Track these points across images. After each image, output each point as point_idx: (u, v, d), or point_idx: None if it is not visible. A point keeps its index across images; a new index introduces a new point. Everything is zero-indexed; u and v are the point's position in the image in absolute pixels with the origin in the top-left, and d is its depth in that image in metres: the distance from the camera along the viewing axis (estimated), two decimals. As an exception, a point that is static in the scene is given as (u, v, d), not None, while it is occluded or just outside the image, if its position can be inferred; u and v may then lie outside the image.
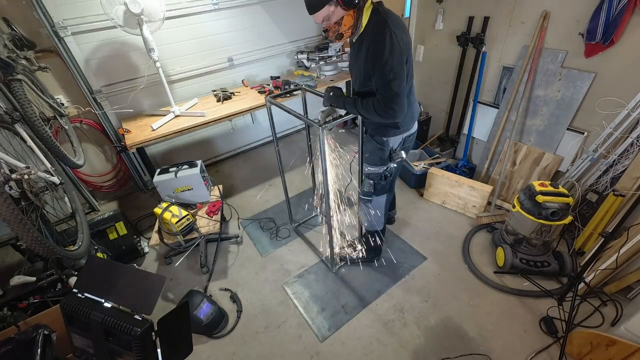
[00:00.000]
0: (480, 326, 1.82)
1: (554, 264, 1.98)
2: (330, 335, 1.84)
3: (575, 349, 1.62)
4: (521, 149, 2.46)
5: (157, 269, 2.36)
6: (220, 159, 3.55)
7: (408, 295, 2.01)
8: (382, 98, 1.39)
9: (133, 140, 2.27)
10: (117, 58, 2.55)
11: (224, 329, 1.90)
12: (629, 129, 1.87)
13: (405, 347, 1.76)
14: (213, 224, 2.31)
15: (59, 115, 2.24)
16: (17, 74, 1.70)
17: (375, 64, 1.35)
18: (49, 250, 1.44)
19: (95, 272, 1.15)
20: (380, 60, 1.32)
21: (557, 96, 2.17)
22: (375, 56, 1.34)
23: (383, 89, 1.37)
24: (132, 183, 3.12)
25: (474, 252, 2.25)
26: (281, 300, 2.05)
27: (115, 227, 2.23)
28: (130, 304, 1.03)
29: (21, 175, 1.48)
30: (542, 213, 1.83)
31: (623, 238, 1.74)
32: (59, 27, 2.20)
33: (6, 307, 1.51)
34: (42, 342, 1.21)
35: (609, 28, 1.77)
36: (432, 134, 3.29)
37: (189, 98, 2.91)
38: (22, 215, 1.35)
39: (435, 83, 3.03)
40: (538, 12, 2.08)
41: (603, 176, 2.03)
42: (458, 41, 2.61)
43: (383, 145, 1.69)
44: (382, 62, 1.32)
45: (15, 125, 1.68)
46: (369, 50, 1.36)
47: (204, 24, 2.76)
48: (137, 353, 0.97)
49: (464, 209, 2.57)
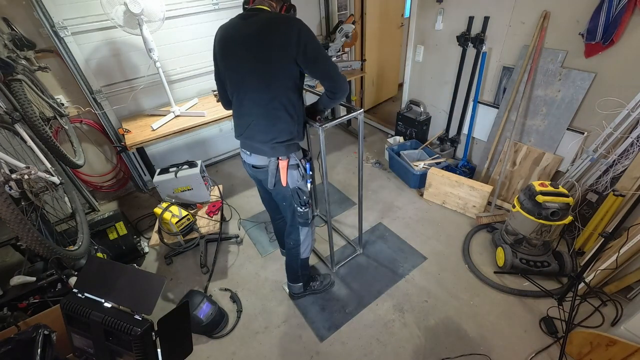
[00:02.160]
0: (480, 326, 1.82)
1: (554, 264, 1.98)
2: (330, 335, 1.84)
3: (575, 349, 1.62)
4: (521, 149, 2.46)
5: (157, 269, 2.36)
6: (220, 159, 3.55)
7: (408, 296, 2.01)
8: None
9: (133, 140, 2.26)
10: (117, 58, 2.55)
11: (224, 329, 1.90)
12: (629, 129, 1.86)
13: (405, 347, 1.76)
14: (213, 224, 2.31)
15: (59, 115, 2.24)
16: (17, 74, 1.70)
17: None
18: (49, 250, 1.44)
19: (95, 272, 1.15)
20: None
21: (557, 96, 2.17)
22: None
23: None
24: (132, 183, 3.12)
25: (474, 252, 2.25)
26: (281, 300, 2.04)
27: (115, 227, 2.23)
28: (130, 304, 1.03)
29: (21, 175, 1.48)
30: (542, 213, 1.83)
31: (623, 238, 1.74)
32: (59, 27, 2.20)
33: (6, 307, 1.51)
34: (42, 342, 1.21)
35: (609, 28, 1.77)
36: (432, 134, 3.29)
37: (189, 98, 2.91)
38: (22, 215, 1.35)
39: (435, 83, 3.03)
40: (538, 12, 2.08)
41: (603, 176, 2.03)
42: (458, 41, 2.61)
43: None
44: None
45: (15, 125, 1.68)
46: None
47: (204, 24, 2.76)
48: (137, 353, 0.97)
49: (464, 209, 2.57)
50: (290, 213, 1.69)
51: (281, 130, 1.40)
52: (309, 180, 1.56)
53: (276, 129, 1.40)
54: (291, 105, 1.38)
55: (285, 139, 1.42)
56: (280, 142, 1.42)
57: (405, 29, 3.66)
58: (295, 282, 1.96)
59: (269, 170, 1.51)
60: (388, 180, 3.05)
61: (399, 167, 3.00)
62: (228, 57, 1.37)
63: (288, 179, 1.51)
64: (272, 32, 1.26)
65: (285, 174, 1.49)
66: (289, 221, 1.74)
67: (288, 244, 1.81)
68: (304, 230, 1.72)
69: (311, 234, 1.78)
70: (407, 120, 3.28)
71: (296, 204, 1.60)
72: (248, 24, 1.30)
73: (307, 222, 1.68)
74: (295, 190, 1.55)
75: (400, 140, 3.32)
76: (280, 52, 1.26)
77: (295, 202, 1.59)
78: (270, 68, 1.30)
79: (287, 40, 1.24)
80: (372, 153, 3.48)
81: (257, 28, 1.27)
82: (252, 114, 1.41)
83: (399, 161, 2.95)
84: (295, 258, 1.83)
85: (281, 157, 1.47)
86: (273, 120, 1.38)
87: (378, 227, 2.53)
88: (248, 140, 1.49)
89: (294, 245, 1.77)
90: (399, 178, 3.05)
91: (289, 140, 1.43)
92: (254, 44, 1.28)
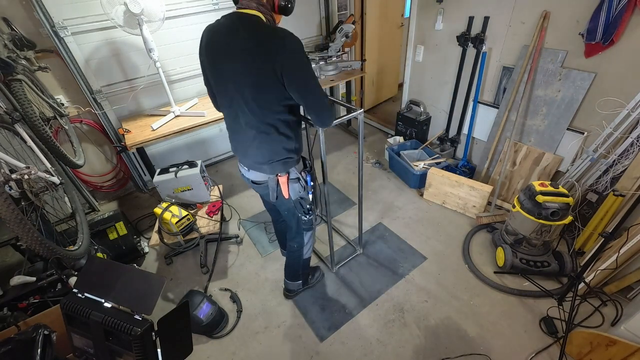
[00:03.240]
0: (480, 326, 1.82)
1: (554, 264, 1.98)
2: (330, 335, 1.84)
3: (575, 349, 1.62)
4: (521, 149, 2.46)
5: (157, 269, 2.36)
6: (220, 159, 3.55)
7: (408, 295, 2.01)
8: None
9: (133, 140, 2.26)
10: (117, 58, 2.55)
11: (224, 329, 1.90)
12: (629, 129, 1.86)
13: (405, 347, 1.76)
14: (213, 224, 2.31)
15: (59, 115, 2.24)
16: (17, 74, 1.70)
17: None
18: (49, 250, 1.44)
19: (95, 272, 1.15)
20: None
21: (557, 96, 2.17)
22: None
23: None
24: (132, 183, 3.12)
25: (474, 252, 2.25)
26: (281, 300, 2.04)
27: (115, 227, 2.23)
28: (130, 304, 1.03)
29: (21, 175, 1.48)
30: (542, 213, 1.83)
31: (623, 238, 1.74)
32: (59, 27, 2.20)
33: (6, 307, 1.50)
34: (42, 342, 1.21)
35: (609, 28, 1.77)
36: (432, 134, 3.29)
37: (189, 98, 2.91)
38: (22, 215, 1.35)
39: (435, 83, 3.03)
40: (538, 12, 2.08)
41: (603, 176, 2.03)
42: (458, 41, 2.61)
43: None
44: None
45: (15, 125, 1.68)
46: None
47: (204, 24, 2.73)
48: (137, 353, 0.97)
49: (464, 209, 2.57)
50: (294, 222, 1.68)
51: (276, 152, 1.34)
52: (310, 192, 1.53)
53: (272, 151, 1.34)
54: (284, 126, 1.29)
55: (282, 158, 1.37)
56: (277, 162, 1.37)
57: (405, 29, 3.66)
58: (295, 280, 1.97)
59: (269, 185, 1.48)
60: (388, 180, 3.05)
61: (399, 167, 3.00)
62: (215, 71, 1.26)
63: (290, 191, 1.48)
64: (259, 53, 1.12)
65: (286, 188, 1.46)
66: (293, 228, 1.72)
67: (291, 247, 1.80)
68: (307, 234, 1.73)
69: (313, 235, 1.80)
70: (407, 120, 3.28)
71: (300, 214, 1.59)
72: (234, 33, 1.15)
73: (311, 227, 1.70)
74: (298, 201, 1.54)
75: (400, 140, 3.32)
76: (267, 77, 1.14)
77: (298, 211, 1.58)
78: (257, 92, 1.19)
79: (274, 65, 1.11)
80: (372, 153, 3.48)
81: (243, 43, 1.13)
82: (246, 134, 1.33)
83: (399, 161, 2.95)
84: (298, 259, 1.84)
85: (280, 174, 1.43)
86: (267, 143, 1.31)
87: (378, 227, 2.53)
88: (244, 158, 1.44)
89: (298, 248, 1.78)
90: (399, 178, 3.05)
91: (286, 159, 1.38)
92: (240, 61, 1.15)
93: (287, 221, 1.73)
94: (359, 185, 1.94)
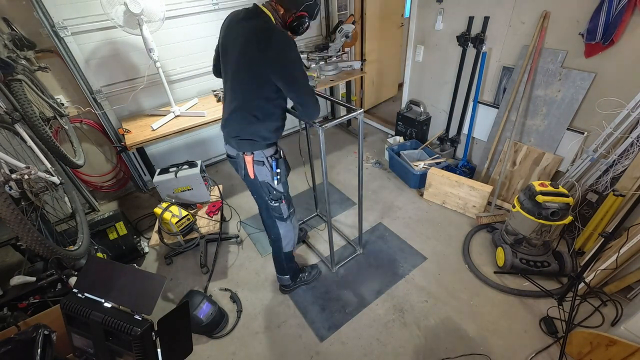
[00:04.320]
0: (480, 326, 1.82)
1: (554, 264, 1.98)
2: (330, 335, 1.84)
3: (575, 349, 1.62)
4: (521, 149, 2.46)
5: (157, 269, 2.36)
6: (220, 159, 3.55)
7: (408, 295, 2.01)
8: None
9: (133, 140, 2.27)
10: (117, 58, 2.55)
11: (224, 329, 1.90)
12: (629, 129, 1.86)
13: (405, 347, 1.76)
14: (213, 224, 2.31)
15: (59, 115, 2.24)
16: (17, 74, 1.70)
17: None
18: (49, 250, 1.44)
19: (95, 272, 1.15)
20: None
21: (557, 96, 2.17)
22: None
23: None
24: (132, 183, 3.12)
25: (474, 252, 2.25)
26: (281, 300, 2.05)
27: (115, 227, 2.23)
28: (130, 304, 1.03)
29: (21, 175, 1.48)
30: (542, 213, 1.83)
31: (623, 238, 1.75)
32: (59, 27, 2.20)
33: (6, 307, 1.50)
34: (42, 342, 1.21)
35: (609, 28, 1.77)
36: (432, 134, 3.29)
37: (189, 98, 2.91)
38: (22, 215, 1.35)
39: (435, 83, 3.03)
40: (538, 12, 2.08)
41: (603, 176, 2.03)
42: (458, 41, 2.61)
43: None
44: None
45: (15, 125, 1.68)
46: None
47: (204, 24, 2.76)
48: (137, 353, 0.97)
49: (464, 209, 2.57)
50: (264, 206, 1.75)
51: (245, 130, 1.47)
52: (276, 178, 1.58)
53: (242, 129, 1.47)
54: (261, 112, 1.44)
55: (247, 138, 1.47)
56: (243, 139, 1.48)
57: (405, 29, 3.66)
58: (283, 274, 2.00)
59: (237, 162, 1.58)
60: (388, 180, 3.05)
61: (399, 167, 3.00)
62: (224, 50, 1.45)
63: (256, 172, 1.56)
64: (256, 45, 1.29)
65: (251, 168, 1.54)
66: (265, 214, 1.81)
67: (270, 237, 1.89)
68: (282, 225, 1.76)
69: (292, 229, 1.81)
70: (407, 120, 3.28)
71: (267, 198, 1.64)
72: (244, 26, 1.34)
73: (281, 216, 1.71)
74: (265, 184, 1.59)
75: (400, 140, 3.32)
76: (258, 67, 1.32)
77: (265, 195, 1.63)
78: (247, 77, 1.37)
79: (266, 58, 1.28)
80: (372, 153, 3.48)
81: (247, 35, 1.31)
82: (229, 105, 1.49)
83: (399, 161, 2.95)
84: (279, 252, 1.88)
85: (246, 153, 1.52)
86: (241, 120, 1.46)
87: (378, 227, 2.53)
88: (224, 129, 1.57)
89: (275, 238, 1.82)
90: (399, 178, 3.05)
91: (251, 140, 1.48)
92: (241, 50, 1.33)
93: (258, 205, 1.85)
94: (359, 185, 1.94)
